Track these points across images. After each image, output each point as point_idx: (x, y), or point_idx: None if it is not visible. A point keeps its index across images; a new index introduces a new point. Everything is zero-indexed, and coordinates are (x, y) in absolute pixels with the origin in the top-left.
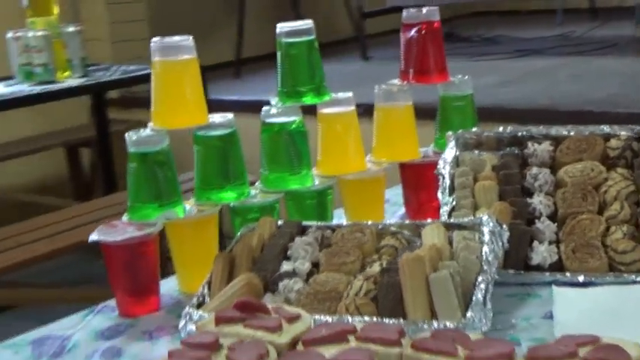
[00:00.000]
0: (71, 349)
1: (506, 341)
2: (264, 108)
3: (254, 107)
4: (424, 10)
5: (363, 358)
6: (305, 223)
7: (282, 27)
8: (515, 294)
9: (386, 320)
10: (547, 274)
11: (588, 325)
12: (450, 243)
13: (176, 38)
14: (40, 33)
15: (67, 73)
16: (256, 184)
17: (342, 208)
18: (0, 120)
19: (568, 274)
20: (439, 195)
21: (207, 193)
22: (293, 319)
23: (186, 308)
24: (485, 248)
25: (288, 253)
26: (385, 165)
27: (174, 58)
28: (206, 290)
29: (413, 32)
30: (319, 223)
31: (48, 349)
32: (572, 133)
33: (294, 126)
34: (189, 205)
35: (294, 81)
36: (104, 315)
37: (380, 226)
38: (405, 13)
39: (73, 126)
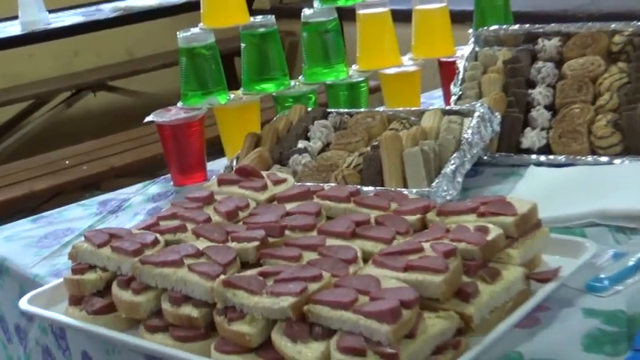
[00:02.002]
0: (126, 208)
1: (429, 200)
2: (305, 10)
3: None
4: None
5: (313, 208)
6: (329, 109)
7: None
8: (502, 173)
9: (365, 188)
10: (533, 156)
11: (536, 196)
12: None
13: None
14: None
15: None
16: (300, 77)
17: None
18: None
19: (552, 156)
20: (451, 86)
21: (252, 84)
22: (279, 182)
23: (213, 177)
24: (470, 131)
25: (309, 134)
26: (421, 61)
27: None
28: (234, 162)
29: None
30: (340, 110)
31: (109, 208)
32: (581, 30)
33: (329, 25)
34: (235, 94)
35: None
36: (161, 184)
37: (390, 113)
38: None
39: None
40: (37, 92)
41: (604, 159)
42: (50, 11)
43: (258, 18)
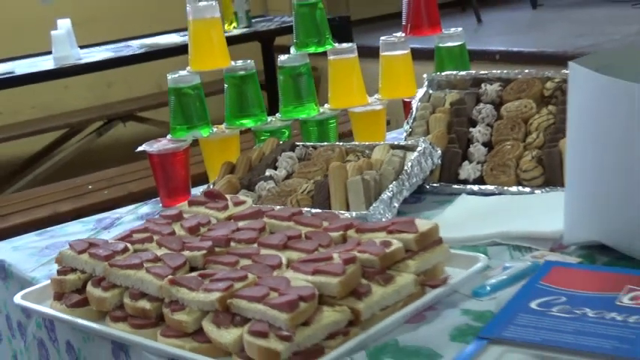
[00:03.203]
0: (117, 225)
1: (353, 220)
2: (281, 56)
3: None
4: None
5: (259, 225)
6: (298, 143)
7: None
8: (440, 200)
9: (314, 210)
10: (469, 186)
11: (456, 219)
12: None
13: (203, 3)
14: None
15: (233, 25)
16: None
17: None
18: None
19: (484, 186)
20: (405, 124)
21: (233, 119)
22: (239, 203)
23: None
24: (410, 163)
25: (277, 164)
26: (386, 101)
27: (201, 17)
28: (211, 187)
29: None
30: (307, 143)
31: (103, 224)
32: (519, 76)
33: (302, 69)
34: (218, 128)
35: (303, 35)
36: (151, 205)
37: (349, 146)
38: None
39: None
40: (71, 122)
41: (527, 189)
42: (82, 47)
43: (239, 62)
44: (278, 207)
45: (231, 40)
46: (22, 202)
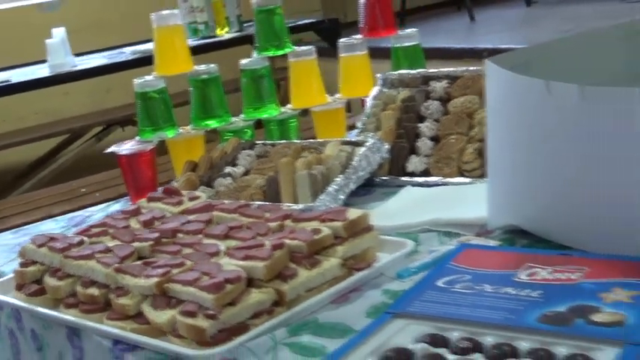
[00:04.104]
0: (88, 222)
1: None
2: (242, 60)
3: None
4: None
5: (206, 217)
6: (257, 141)
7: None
8: (388, 192)
9: (259, 203)
10: (415, 178)
11: (395, 208)
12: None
13: (166, 11)
14: None
15: (225, 29)
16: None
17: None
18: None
19: (429, 178)
20: (357, 121)
21: (198, 120)
22: (194, 198)
23: None
24: (357, 158)
25: (236, 161)
26: (345, 99)
27: (165, 25)
28: (174, 184)
29: None
30: (266, 141)
31: (74, 222)
32: (465, 74)
33: (263, 71)
34: (184, 129)
35: (264, 39)
36: (121, 203)
37: (304, 144)
38: None
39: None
40: (72, 127)
41: (468, 180)
42: (79, 54)
43: (202, 66)
44: (227, 201)
45: (224, 44)
46: (19, 205)
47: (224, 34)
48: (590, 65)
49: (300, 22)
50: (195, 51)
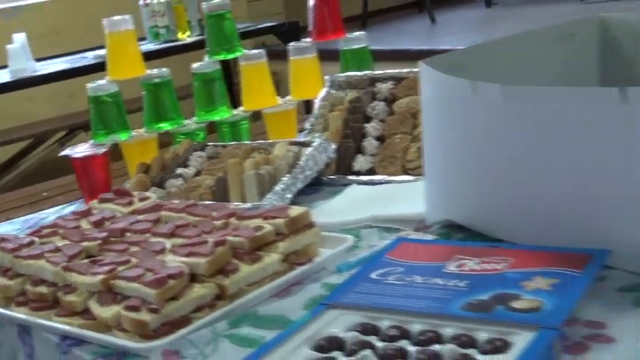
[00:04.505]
0: (42, 223)
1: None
2: (194, 64)
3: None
4: None
5: (154, 217)
6: (208, 143)
7: (203, 5)
8: (335, 191)
9: (207, 202)
10: (361, 177)
11: (339, 206)
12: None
13: (118, 17)
14: (162, 0)
15: (187, 33)
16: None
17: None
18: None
19: (374, 177)
20: (306, 122)
21: (151, 123)
22: (144, 199)
23: None
24: (304, 157)
25: (188, 163)
26: (295, 101)
27: (117, 30)
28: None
29: (312, 1)
30: (217, 143)
31: (28, 224)
32: (410, 75)
33: (214, 75)
34: (138, 132)
35: (214, 43)
36: (77, 206)
37: (254, 145)
38: None
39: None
40: (35, 132)
41: (411, 178)
42: (39, 59)
43: (154, 71)
44: (176, 201)
45: (187, 48)
46: None
47: (185, 37)
48: (526, 66)
49: (261, 26)
50: (157, 55)
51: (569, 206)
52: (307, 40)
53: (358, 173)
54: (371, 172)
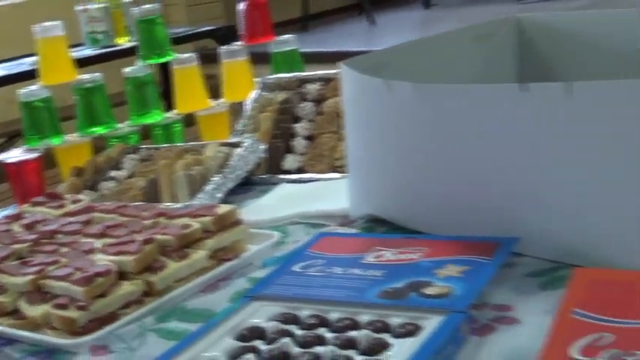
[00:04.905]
0: None
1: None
2: (126, 69)
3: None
4: None
5: (85, 218)
6: (141, 146)
7: (134, 10)
8: (266, 189)
9: (138, 203)
10: (291, 176)
11: (267, 204)
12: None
13: (49, 23)
14: (100, 5)
15: (126, 38)
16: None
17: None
18: None
19: (303, 175)
20: (237, 124)
21: (84, 127)
22: (76, 201)
23: None
24: (235, 158)
25: (120, 165)
26: (228, 104)
27: (48, 36)
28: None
29: (242, 6)
30: (150, 146)
31: None
32: (337, 76)
33: (146, 79)
34: (71, 136)
35: (146, 48)
36: (10, 210)
37: (186, 147)
38: None
39: None
40: None
41: (339, 175)
42: None
43: (86, 76)
44: (109, 202)
45: (125, 53)
46: None
47: (124, 42)
48: (446, 65)
49: (199, 30)
50: (95, 60)
51: (480, 198)
52: (239, 44)
53: (288, 172)
54: (300, 170)
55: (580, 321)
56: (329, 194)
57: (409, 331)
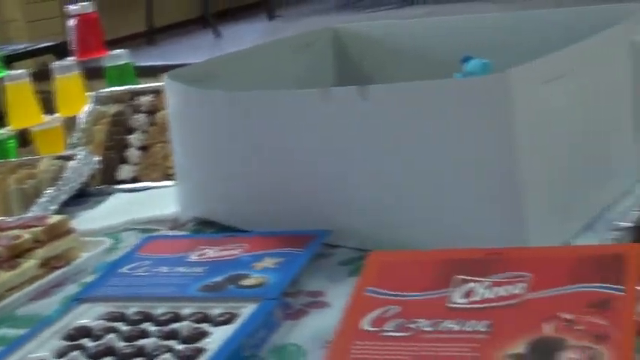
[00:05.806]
0: None
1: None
2: None
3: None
4: (79, 5)
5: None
6: None
7: None
8: (102, 200)
9: None
10: (126, 185)
11: (101, 213)
12: None
13: None
14: None
15: None
16: None
17: None
18: None
19: (138, 184)
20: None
21: None
22: None
23: None
24: (68, 170)
25: None
26: (62, 118)
27: None
28: None
29: (72, 22)
30: None
31: None
32: None
33: None
34: None
35: None
36: None
37: (20, 162)
38: (66, 7)
39: None
40: None
41: (172, 183)
42: None
43: None
44: None
45: None
46: None
47: None
48: (269, 74)
49: (38, 46)
50: None
51: (294, 197)
52: (71, 59)
53: (123, 182)
54: (135, 180)
55: (371, 297)
56: (161, 201)
57: (227, 319)
